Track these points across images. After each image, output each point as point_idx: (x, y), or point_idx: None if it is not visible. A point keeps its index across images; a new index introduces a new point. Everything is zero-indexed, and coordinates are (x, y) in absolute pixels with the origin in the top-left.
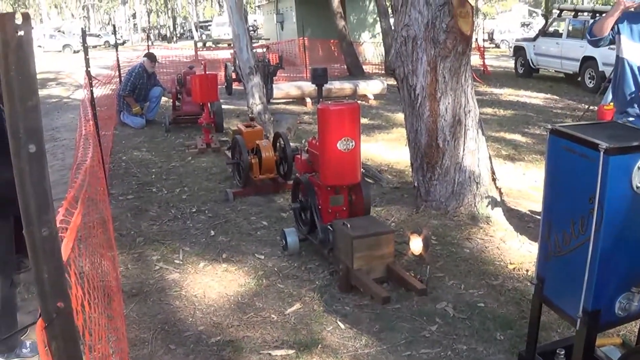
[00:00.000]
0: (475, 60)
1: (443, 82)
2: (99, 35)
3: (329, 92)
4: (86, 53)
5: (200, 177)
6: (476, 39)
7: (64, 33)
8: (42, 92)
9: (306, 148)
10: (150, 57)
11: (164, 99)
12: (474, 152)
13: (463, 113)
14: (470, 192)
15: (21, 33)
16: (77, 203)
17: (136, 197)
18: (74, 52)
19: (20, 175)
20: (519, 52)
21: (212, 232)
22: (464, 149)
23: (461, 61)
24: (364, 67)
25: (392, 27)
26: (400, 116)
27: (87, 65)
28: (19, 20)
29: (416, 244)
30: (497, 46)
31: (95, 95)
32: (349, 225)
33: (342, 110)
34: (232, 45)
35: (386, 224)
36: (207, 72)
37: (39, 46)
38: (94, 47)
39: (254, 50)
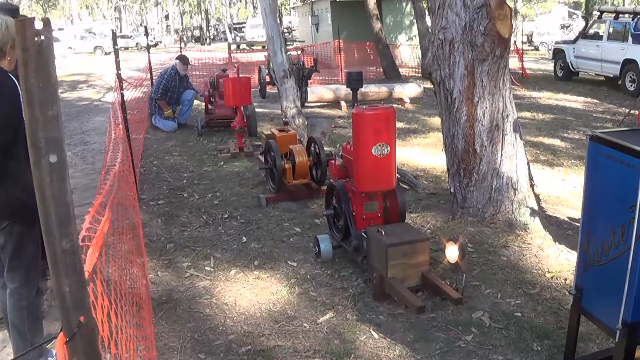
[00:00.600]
0: (513, 63)
1: (481, 86)
2: (131, 37)
3: (365, 96)
4: (117, 55)
5: (233, 182)
6: (515, 42)
7: (94, 34)
8: (72, 95)
9: (340, 153)
10: (183, 59)
11: (196, 102)
12: (512, 157)
13: (501, 117)
14: (508, 198)
15: (41, 39)
16: (104, 209)
17: (167, 202)
18: (105, 53)
19: (41, 185)
20: (558, 54)
21: (244, 239)
22: (501, 155)
23: (499, 64)
24: (400, 70)
25: (429, 30)
26: (436, 120)
27: (118, 67)
28: (38, 25)
29: (452, 252)
30: (536, 48)
31: (126, 98)
32: (383, 233)
33: (377, 115)
34: (266, 47)
35: (421, 231)
36: (240, 75)
37: (70, 47)
38: (125, 48)
39: (289, 53)
